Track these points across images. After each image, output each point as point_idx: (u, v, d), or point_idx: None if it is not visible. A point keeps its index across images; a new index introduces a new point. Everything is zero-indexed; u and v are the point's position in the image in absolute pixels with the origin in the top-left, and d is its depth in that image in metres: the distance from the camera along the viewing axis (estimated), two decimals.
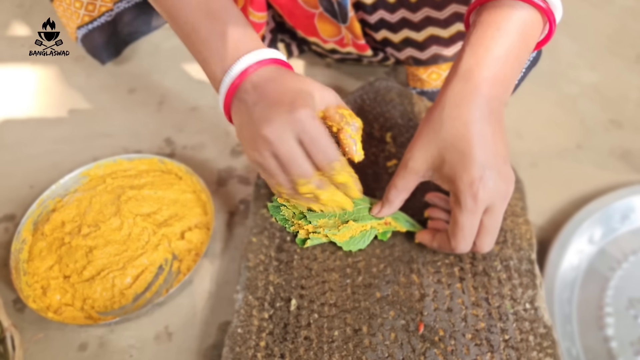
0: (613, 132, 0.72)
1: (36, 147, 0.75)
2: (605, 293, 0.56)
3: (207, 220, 0.63)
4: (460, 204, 0.46)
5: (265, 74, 0.48)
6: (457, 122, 0.45)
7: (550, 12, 0.46)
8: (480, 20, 0.47)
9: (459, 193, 0.46)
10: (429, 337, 0.49)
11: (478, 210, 0.46)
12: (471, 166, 0.45)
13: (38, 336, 0.55)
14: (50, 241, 0.61)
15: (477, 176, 0.45)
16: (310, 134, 0.45)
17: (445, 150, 0.46)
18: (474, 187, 0.45)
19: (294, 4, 0.69)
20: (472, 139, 0.45)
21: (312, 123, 0.45)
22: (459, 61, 0.47)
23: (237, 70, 0.48)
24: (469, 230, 0.48)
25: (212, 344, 0.55)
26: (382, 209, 0.54)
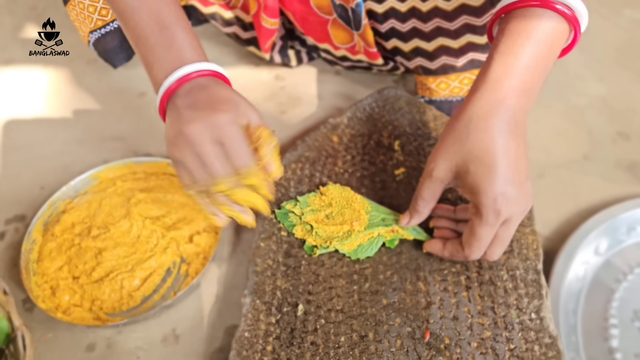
0: (620, 144, 0.72)
1: (47, 149, 0.75)
2: (611, 304, 0.56)
3: (215, 225, 0.63)
4: (482, 217, 0.47)
5: (201, 83, 0.51)
6: (483, 134, 0.46)
7: (576, 20, 0.46)
8: (509, 29, 0.47)
9: (481, 206, 0.47)
10: (435, 344, 0.50)
11: (497, 224, 0.48)
12: (495, 181, 0.45)
13: (47, 336, 0.56)
14: (60, 242, 0.62)
15: (501, 192, 0.46)
16: (229, 137, 0.48)
17: (470, 161, 0.46)
18: (497, 203, 0.46)
19: (308, 10, 0.70)
20: (498, 153, 0.45)
21: (232, 127, 0.49)
22: (487, 69, 0.47)
23: (176, 77, 0.51)
24: (485, 241, 0.49)
25: (218, 348, 0.55)
26: (411, 220, 0.55)
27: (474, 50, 0.65)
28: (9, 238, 0.65)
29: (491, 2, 0.60)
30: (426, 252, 0.56)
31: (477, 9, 0.61)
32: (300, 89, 0.82)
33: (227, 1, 0.77)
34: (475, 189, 0.47)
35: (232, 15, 0.78)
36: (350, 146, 0.68)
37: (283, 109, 0.79)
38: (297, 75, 0.84)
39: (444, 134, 0.50)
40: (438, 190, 0.51)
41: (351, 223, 0.57)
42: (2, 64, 0.89)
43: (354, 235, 0.56)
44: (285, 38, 0.82)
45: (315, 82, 0.83)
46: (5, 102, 0.83)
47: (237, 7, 0.77)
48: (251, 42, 0.81)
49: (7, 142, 0.77)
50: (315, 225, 0.58)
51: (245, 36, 0.81)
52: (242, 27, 0.79)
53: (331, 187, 0.62)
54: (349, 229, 0.57)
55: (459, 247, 0.52)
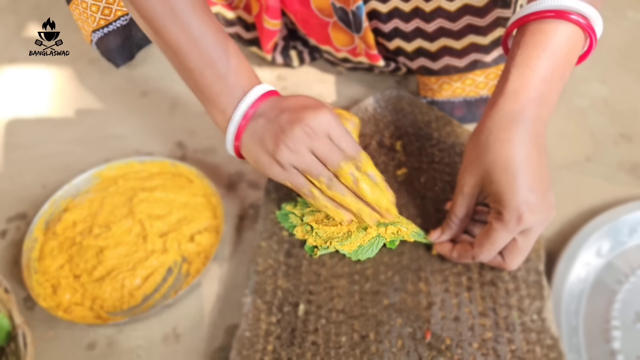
0: (622, 145, 0.72)
1: (49, 148, 0.76)
2: (612, 306, 0.56)
3: (216, 224, 0.63)
4: (504, 221, 0.47)
5: (273, 100, 0.51)
6: (505, 145, 0.46)
7: (591, 28, 0.46)
8: (525, 41, 0.47)
9: (504, 212, 0.47)
10: (436, 345, 0.50)
11: (517, 231, 0.47)
12: (519, 189, 0.46)
13: (48, 334, 0.56)
14: (61, 240, 0.62)
15: (525, 200, 0.46)
16: (338, 129, 0.50)
17: (493, 172, 0.47)
18: (521, 211, 0.46)
19: (309, 12, 0.70)
20: (520, 163, 0.46)
21: (337, 121, 0.50)
22: (505, 82, 0.48)
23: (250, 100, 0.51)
24: (498, 246, 0.49)
25: (219, 347, 0.55)
26: (442, 235, 0.54)
27: (476, 51, 0.65)
28: (11, 236, 0.65)
29: (494, 3, 0.60)
30: (435, 253, 0.56)
31: (480, 9, 0.61)
32: (302, 90, 0.82)
33: (230, 1, 0.77)
34: (499, 197, 0.47)
35: (235, 15, 0.78)
36: None
37: None
38: (299, 75, 0.84)
39: (467, 150, 0.50)
40: (470, 206, 0.52)
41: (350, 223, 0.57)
42: (5, 62, 0.89)
43: (353, 235, 0.56)
44: (288, 38, 0.82)
45: (317, 83, 0.83)
46: (8, 101, 0.83)
47: (239, 7, 0.77)
48: (253, 42, 0.81)
49: (10, 141, 0.77)
50: (316, 226, 0.58)
51: (248, 36, 0.81)
52: (244, 27, 0.80)
53: None
54: (348, 230, 0.57)
55: (468, 247, 0.52)
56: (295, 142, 0.49)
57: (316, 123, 0.49)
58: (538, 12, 0.46)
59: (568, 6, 0.45)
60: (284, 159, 0.49)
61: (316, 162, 0.50)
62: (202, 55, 0.51)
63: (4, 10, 0.99)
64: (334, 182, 0.51)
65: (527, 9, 0.47)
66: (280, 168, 0.50)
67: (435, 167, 0.64)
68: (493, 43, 0.64)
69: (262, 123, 0.50)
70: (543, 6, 0.46)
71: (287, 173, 0.51)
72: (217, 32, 0.51)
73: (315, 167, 0.50)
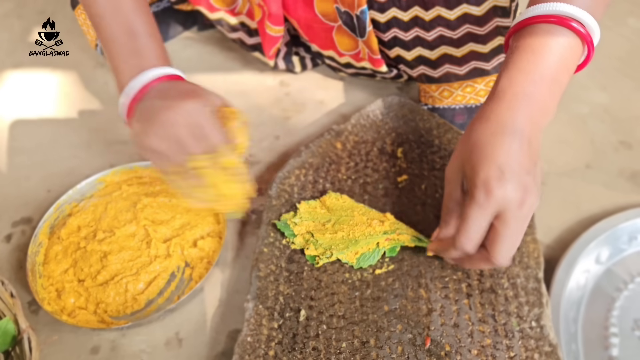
0: (622, 153, 0.73)
1: (54, 152, 0.76)
2: (611, 313, 0.57)
3: (219, 229, 0.64)
4: (474, 197, 0.46)
5: (166, 84, 0.56)
6: (486, 131, 0.47)
7: (588, 36, 0.47)
8: (517, 46, 0.48)
9: (473, 187, 0.46)
10: (436, 351, 0.50)
11: (489, 206, 0.45)
12: (491, 165, 0.45)
13: (52, 338, 0.56)
14: (66, 245, 0.62)
15: (495, 175, 0.45)
16: (201, 119, 0.53)
17: (472, 152, 0.47)
18: (490, 184, 0.45)
19: (313, 17, 0.71)
20: (497, 145, 0.46)
21: (203, 110, 0.53)
22: (496, 85, 0.49)
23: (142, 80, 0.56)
24: (475, 227, 0.47)
25: (221, 352, 0.56)
26: (441, 231, 0.54)
27: (476, 59, 0.66)
28: (16, 240, 0.66)
29: (494, 12, 0.61)
30: (428, 258, 0.56)
31: (480, 18, 0.62)
32: (304, 95, 0.82)
33: (233, 7, 0.78)
34: (472, 174, 0.46)
35: (238, 21, 0.79)
36: (354, 153, 0.68)
37: (287, 114, 0.80)
38: (302, 81, 0.85)
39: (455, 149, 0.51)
40: (456, 193, 0.51)
41: (350, 231, 0.58)
42: (10, 67, 0.90)
43: (352, 244, 0.57)
44: (290, 44, 0.82)
45: (320, 89, 0.83)
46: (13, 105, 0.84)
47: (242, 13, 0.78)
48: (256, 47, 0.82)
49: (15, 145, 0.78)
50: (316, 234, 0.58)
51: (251, 42, 0.81)
52: (247, 33, 0.80)
53: (332, 195, 0.62)
54: (349, 238, 0.57)
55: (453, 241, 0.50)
56: (160, 128, 0.52)
57: (182, 112, 0.52)
58: (533, 17, 0.47)
59: (564, 12, 0.46)
60: (150, 143, 0.53)
61: (175, 150, 0.53)
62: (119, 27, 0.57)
63: (9, 15, 0.99)
64: (189, 171, 0.53)
65: (524, 14, 0.48)
66: (146, 151, 0.54)
67: (436, 174, 0.65)
68: (493, 51, 0.65)
69: (143, 107, 0.55)
70: (538, 12, 0.47)
71: (152, 155, 0.54)
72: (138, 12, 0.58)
73: (173, 154, 0.53)
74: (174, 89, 0.55)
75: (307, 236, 0.59)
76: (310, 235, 0.59)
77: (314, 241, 0.58)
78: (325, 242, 0.58)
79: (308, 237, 0.59)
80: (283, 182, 0.65)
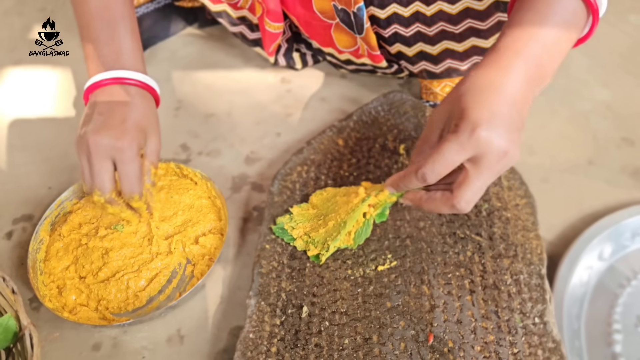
0: (625, 149, 0.72)
1: (55, 149, 0.76)
2: (614, 310, 0.57)
3: (221, 226, 0.64)
4: (458, 132, 0.44)
5: (128, 91, 0.58)
6: (484, 79, 0.45)
7: (595, 4, 0.46)
8: (522, 5, 0.47)
9: (461, 122, 0.44)
10: (439, 348, 0.50)
11: (469, 146, 0.43)
12: (483, 108, 0.44)
13: (54, 335, 0.56)
14: (67, 242, 0.62)
15: (485, 117, 0.43)
16: (125, 164, 0.55)
17: (465, 94, 0.45)
18: (478, 123, 0.43)
19: (311, 14, 0.70)
20: (493, 94, 0.44)
21: (131, 156, 0.55)
22: (498, 41, 0.47)
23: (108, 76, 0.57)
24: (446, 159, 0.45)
25: (223, 348, 0.56)
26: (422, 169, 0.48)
27: (478, 54, 0.65)
28: (17, 237, 0.66)
29: (495, 6, 0.61)
30: (428, 254, 0.56)
31: (482, 13, 0.61)
32: (306, 92, 0.82)
33: (236, 2, 0.78)
34: (461, 112, 0.45)
35: (240, 15, 0.79)
36: (356, 149, 0.68)
37: (289, 111, 0.79)
38: (303, 78, 0.84)
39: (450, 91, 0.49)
40: (433, 136, 0.49)
41: (337, 217, 0.57)
42: (11, 64, 0.90)
43: (342, 228, 0.56)
44: (291, 41, 0.82)
45: (321, 85, 0.83)
46: (13, 103, 0.84)
47: (244, 8, 0.77)
48: (257, 42, 0.82)
49: (15, 142, 0.78)
50: (312, 234, 0.58)
51: (252, 37, 0.81)
52: (249, 27, 0.80)
53: (317, 193, 0.62)
54: (338, 223, 0.57)
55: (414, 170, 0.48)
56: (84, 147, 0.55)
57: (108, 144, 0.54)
58: None
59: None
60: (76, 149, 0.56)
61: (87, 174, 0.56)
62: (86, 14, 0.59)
63: (9, 13, 0.99)
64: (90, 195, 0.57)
65: None
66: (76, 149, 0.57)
67: None
68: None
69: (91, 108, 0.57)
70: None
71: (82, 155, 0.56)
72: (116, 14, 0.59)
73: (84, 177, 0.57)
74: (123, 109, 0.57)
75: (305, 238, 0.58)
76: (308, 237, 0.58)
77: (311, 241, 0.58)
78: (321, 237, 0.57)
79: (306, 238, 0.58)
80: (285, 179, 0.65)
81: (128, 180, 0.56)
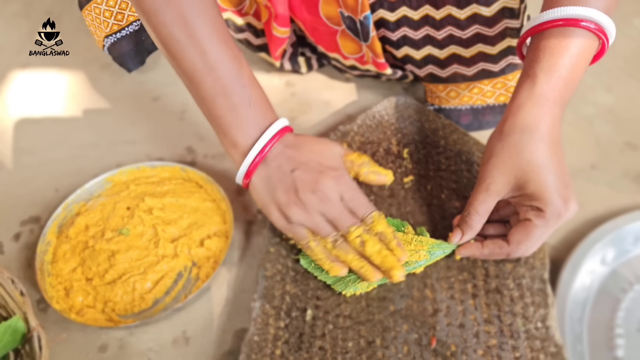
0: (628, 154, 0.73)
1: (62, 152, 0.77)
2: (617, 314, 0.57)
3: (226, 229, 0.64)
4: (546, 219, 0.50)
5: (289, 141, 0.54)
6: (540, 145, 0.49)
7: (602, 32, 0.49)
8: (548, 47, 0.50)
9: (546, 209, 0.49)
10: (441, 351, 0.50)
11: (556, 226, 0.51)
12: (560, 188, 0.49)
13: (61, 336, 0.57)
14: (74, 244, 0.63)
15: (565, 197, 0.49)
16: (351, 191, 0.53)
17: (532, 170, 0.49)
18: (561, 208, 0.49)
19: (317, 20, 0.71)
20: (555, 162, 0.49)
21: (350, 181, 0.53)
22: (533, 85, 0.50)
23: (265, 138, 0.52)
24: (539, 243, 0.52)
25: (228, 350, 0.56)
26: (464, 236, 0.55)
27: (484, 60, 0.66)
28: (24, 239, 0.66)
29: (502, 13, 0.61)
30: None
31: (489, 19, 0.62)
32: (310, 96, 0.83)
33: (240, 8, 0.78)
34: (540, 195, 0.49)
35: (244, 22, 0.79)
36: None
37: (293, 115, 0.80)
38: (308, 81, 0.85)
39: (495, 149, 0.51)
40: (493, 203, 0.53)
41: None
42: (18, 67, 0.90)
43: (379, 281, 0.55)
44: (296, 45, 0.83)
45: (326, 89, 0.83)
46: (21, 105, 0.84)
47: (249, 13, 0.78)
48: (262, 48, 0.82)
49: (23, 145, 0.79)
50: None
51: (257, 42, 0.82)
52: (253, 33, 0.81)
53: None
54: None
55: (502, 244, 0.53)
56: (307, 205, 0.51)
57: (330, 189, 0.52)
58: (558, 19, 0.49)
59: (584, 15, 0.48)
60: (293, 216, 0.52)
61: (325, 223, 0.52)
62: (216, 84, 0.51)
63: (17, 16, 1.00)
64: (339, 242, 0.53)
65: (545, 16, 0.50)
66: (286, 221, 0.53)
67: (441, 175, 0.65)
68: (501, 53, 0.65)
69: (275, 172, 0.53)
70: (562, 14, 0.49)
71: (291, 226, 0.53)
72: (234, 61, 0.52)
73: (323, 228, 0.53)
74: (304, 153, 0.54)
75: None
76: None
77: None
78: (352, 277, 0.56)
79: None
80: None
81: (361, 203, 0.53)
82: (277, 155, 0.53)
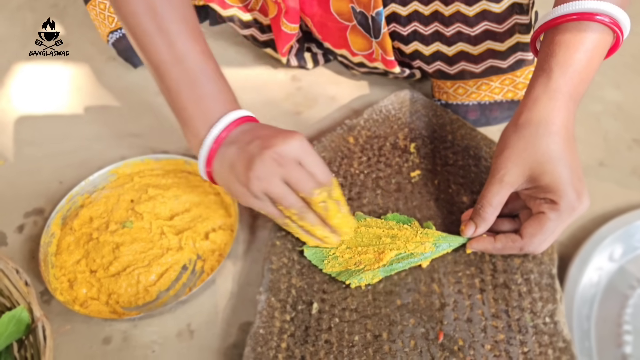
0: (636, 150, 0.72)
1: (66, 144, 0.77)
2: (624, 311, 0.56)
3: (230, 222, 0.64)
4: (560, 211, 0.50)
5: (246, 127, 0.53)
6: (555, 138, 0.49)
7: (617, 25, 0.49)
8: (563, 41, 0.50)
9: (560, 201, 0.49)
10: (449, 346, 0.50)
11: (570, 220, 0.50)
12: (574, 181, 0.49)
13: (65, 328, 0.57)
14: (78, 236, 0.62)
15: (579, 191, 0.49)
16: (309, 156, 0.51)
17: (547, 162, 0.49)
18: (576, 200, 0.49)
19: (328, 15, 0.71)
20: (570, 154, 0.49)
21: (308, 147, 0.51)
22: (548, 79, 0.50)
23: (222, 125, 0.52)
24: (553, 236, 0.52)
25: (232, 343, 0.56)
26: (477, 229, 0.55)
27: (493, 57, 0.65)
28: (28, 231, 0.66)
29: (511, 9, 0.61)
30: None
31: (499, 15, 0.61)
32: (316, 90, 0.82)
33: (246, 4, 0.78)
34: (555, 187, 0.49)
35: (250, 17, 0.79)
36: (366, 147, 0.68)
37: (299, 109, 0.80)
38: (314, 76, 0.84)
39: (510, 141, 0.51)
40: (506, 195, 0.53)
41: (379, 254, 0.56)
42: (23, 60, 0.90)
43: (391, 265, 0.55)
44: (302, 40, 0.82)
45: (332, 84, 0.83)
46: (26, 98, 0.84)
47: (255, 9, 0.78)
48: (268, 44, 0.82)
49: (28, 137, 0.78)
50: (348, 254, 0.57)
51: (263, 38, 0.81)
52: (259, 29, 0.80)
53: None
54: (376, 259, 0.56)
55: (515, 238, 0.53)
56: (265, 171, 0.49)
57: (286, 150, 0.49)
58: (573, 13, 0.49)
59: (598, 9, 0.48)
60: (255, 188, 0.50)
61: (287, 191, 0.51)
62: (181, 75, 0.52)
63: (22, 8, 1.00)
64: (304, 212, 0.52)
65: (559, 10, 0.50)
66: (254, 197, 0.51)
67: (448, 170, 0.65)
68: (510, 50, 0.64)
69: (233, 150, 0.51)
70: (576, 8, 0.49)
71: (260, 202, 0.52)
72: (200, 55, 0.53)
73: (286, 198, 0.51)
74: (262, 129, 0.53)
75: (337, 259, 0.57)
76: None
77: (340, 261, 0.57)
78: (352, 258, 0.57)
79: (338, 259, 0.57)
80: None
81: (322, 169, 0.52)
82: (234, 137, 0.52)
